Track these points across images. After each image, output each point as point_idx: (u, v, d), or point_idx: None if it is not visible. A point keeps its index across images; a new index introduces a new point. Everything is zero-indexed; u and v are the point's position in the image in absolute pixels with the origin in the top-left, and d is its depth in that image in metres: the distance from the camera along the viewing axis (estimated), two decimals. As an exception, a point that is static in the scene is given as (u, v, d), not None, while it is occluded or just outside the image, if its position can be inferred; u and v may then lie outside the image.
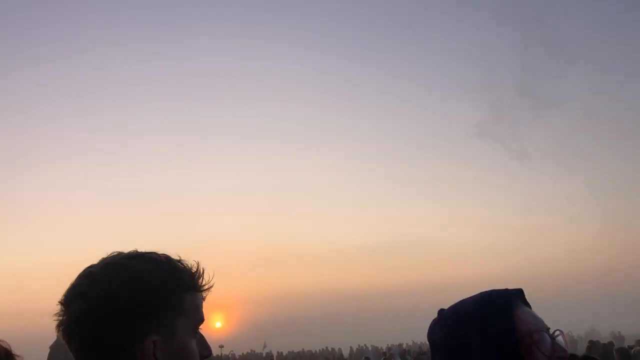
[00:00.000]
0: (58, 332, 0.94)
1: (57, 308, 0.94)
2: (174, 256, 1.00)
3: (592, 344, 15.12)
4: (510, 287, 1.17)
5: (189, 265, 1.00)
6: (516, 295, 1.13)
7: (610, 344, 15.45)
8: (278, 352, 34.05)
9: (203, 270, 1.01)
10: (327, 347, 36.31)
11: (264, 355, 31.12)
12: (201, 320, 1.00)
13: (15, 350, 1.91)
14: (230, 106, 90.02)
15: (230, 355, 28.87)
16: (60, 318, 0.94)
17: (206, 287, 1.01)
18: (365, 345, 35.18)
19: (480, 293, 1.16)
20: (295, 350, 36.09)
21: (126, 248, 1.00)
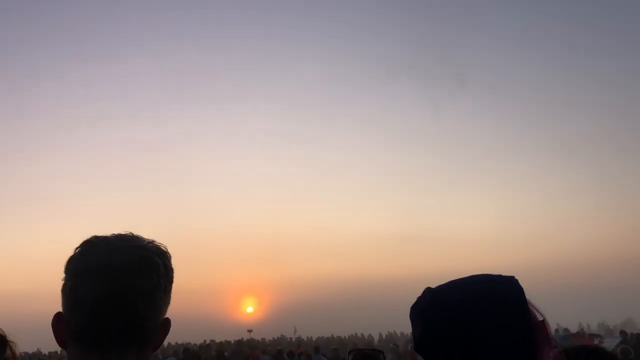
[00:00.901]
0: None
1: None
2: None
3: (622, 334, 14.83)
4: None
5: None
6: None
7: (644, 333, 15.09)
8: (308, 337, 34.44)
9: None
10: (356, 333, 36.51)
11: (294, 340, 31.50)
12: None
13: (11, 336, 1.98)
14: (256, 96, 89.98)
15: (260, 341, 29.33)
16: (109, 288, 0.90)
17: None
18: (394, 331, 35.28)
19: (478, 276, 1.05)
20: (325, 336, 36.41)
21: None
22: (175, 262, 1.01)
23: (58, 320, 0.92)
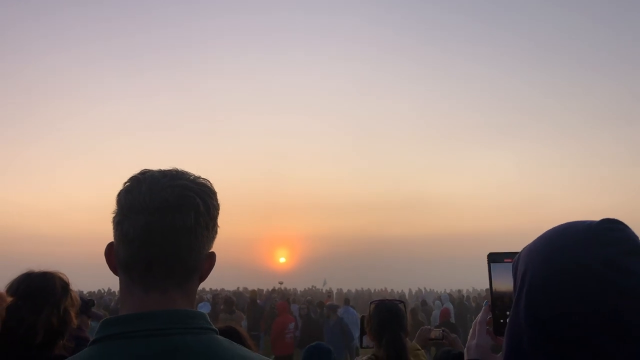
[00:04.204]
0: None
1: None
2: None
3: None
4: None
5: None
6: None
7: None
8: (337, 290, 35.17)
9: None
10: (385, 288, 37.05)
11: (324, 291, 32.20)
12: None
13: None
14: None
15: (292, 291, 30.16)
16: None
17: None
18: (425, 288, 35.59)
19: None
20: (355, 289, 37.10)
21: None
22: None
23: (110, 250, 0.99)
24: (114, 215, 0.98)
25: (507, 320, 1.08)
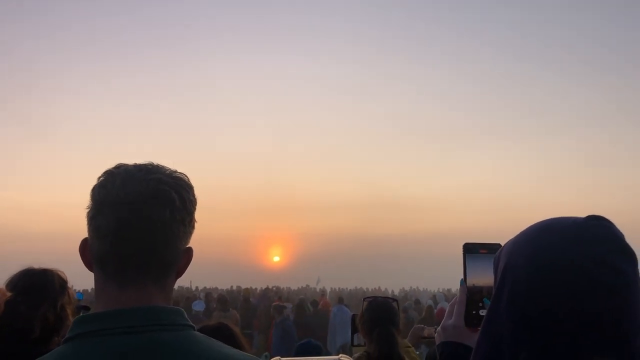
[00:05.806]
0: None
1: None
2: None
3: None
4: None
5: None
6: None
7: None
8: (331, 288, 35.19)
9: None
10: (379, 287, 37.12)
11: (318, 290, 32.21)
12: None
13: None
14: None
15: (285, 289, 30.17)
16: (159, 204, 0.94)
17: None
18: (417, 287, 35.70)
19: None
20: (348, 288, 37.14)
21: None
22: (205, 211, 1.03)
23: (84, 246, 0.97)
24: (87, 210, 0.96)
25: (480, 312, 1.09)
